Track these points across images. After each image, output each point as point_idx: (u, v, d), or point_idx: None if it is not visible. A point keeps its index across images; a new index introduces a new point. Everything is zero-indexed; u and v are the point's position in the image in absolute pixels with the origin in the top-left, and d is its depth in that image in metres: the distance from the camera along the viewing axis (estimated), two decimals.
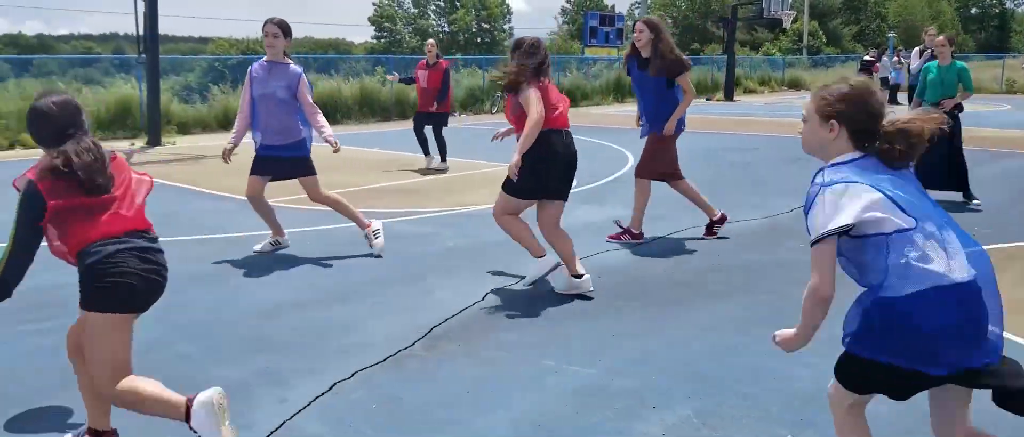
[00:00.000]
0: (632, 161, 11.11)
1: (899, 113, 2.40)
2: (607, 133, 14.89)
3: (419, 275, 5.40)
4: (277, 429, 3.21)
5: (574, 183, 5.06)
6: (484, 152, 12.13)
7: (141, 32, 13.18)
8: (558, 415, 3.33)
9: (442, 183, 9.37)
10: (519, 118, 4.80)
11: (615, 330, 4.35)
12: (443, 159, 10.50)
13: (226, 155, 5.88)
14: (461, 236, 6.52)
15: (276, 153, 5.80)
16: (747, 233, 6.64)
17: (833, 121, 2.33)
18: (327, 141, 5.85)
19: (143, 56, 13.47)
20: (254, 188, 5.88)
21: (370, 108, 19.15)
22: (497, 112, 21.25)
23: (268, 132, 5.78)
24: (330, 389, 3.56)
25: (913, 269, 2.15)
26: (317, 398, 3.47)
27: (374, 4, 59.14)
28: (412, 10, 60.28)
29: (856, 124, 2.31)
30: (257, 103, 5.79)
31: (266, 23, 5.80)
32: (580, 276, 4.91)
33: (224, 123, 16.59)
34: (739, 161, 11.24)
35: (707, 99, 25.86)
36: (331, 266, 5.66)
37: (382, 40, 58.65)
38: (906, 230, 2.17)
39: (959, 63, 7.69)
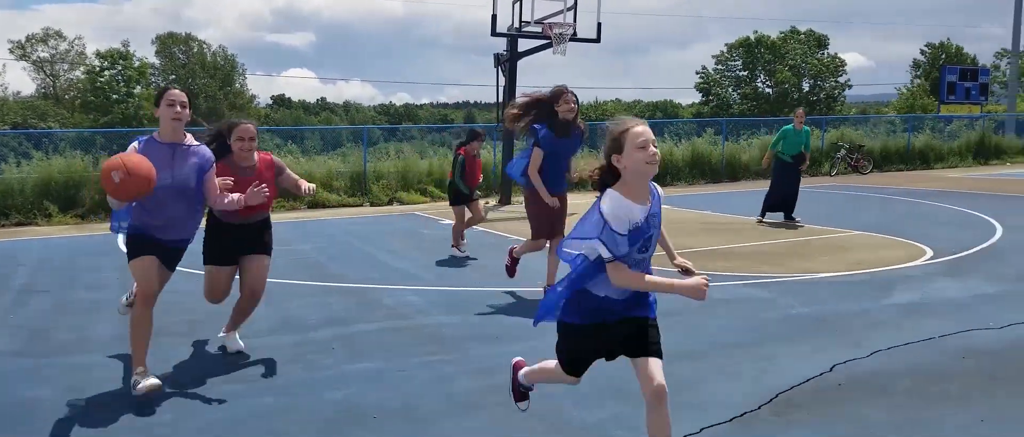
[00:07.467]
0: (1001, 231, 9.94)
1: None
2: (969, 199, 13.49)
3: (762, 340, 5.42)
4: None
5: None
6: (823, 217, 11.65)
7: (500, 101, 14.78)
8: None
9: (784, 247, 9.19)
10: None
11: (986, 416, 3.99)
12: None
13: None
14: (804, 304, 6.38)
15: None
16: None
17: None
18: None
19: (501, 124, 15.05)
20: None
21: (700, 170, 19.33)
22: (837, 174, 20.16)
23: None
24: None
25: None
26: None
27: (697, 73, 59.58)
28: (742, 73, 59.59)
29: None
30: None
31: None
32: None
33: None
34: None
35: None
36: (678, 324, 5.87)
37: (709, 105, 58.64)
38: None
39: None
